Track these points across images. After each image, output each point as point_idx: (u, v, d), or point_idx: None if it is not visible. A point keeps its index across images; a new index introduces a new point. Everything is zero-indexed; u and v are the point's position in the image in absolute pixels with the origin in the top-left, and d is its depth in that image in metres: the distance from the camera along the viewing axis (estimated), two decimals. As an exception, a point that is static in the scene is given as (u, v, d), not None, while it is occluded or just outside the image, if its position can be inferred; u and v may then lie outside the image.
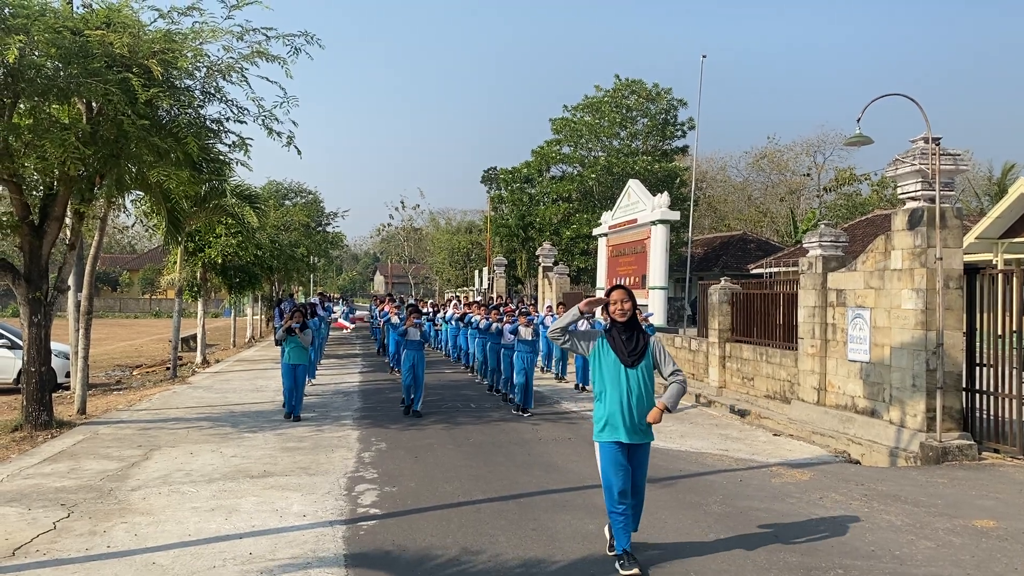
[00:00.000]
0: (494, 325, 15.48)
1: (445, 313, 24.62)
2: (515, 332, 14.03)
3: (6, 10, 9.04)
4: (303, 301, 22.85)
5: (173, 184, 11.23)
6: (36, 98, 10.01)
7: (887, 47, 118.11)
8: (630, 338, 5.83)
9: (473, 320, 18.18)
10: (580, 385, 16.94)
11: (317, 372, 19.76)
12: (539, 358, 18.44)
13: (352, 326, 32.79)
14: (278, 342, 13.12)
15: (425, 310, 24.51)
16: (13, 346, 16.92)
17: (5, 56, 8.50)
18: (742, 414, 13.75)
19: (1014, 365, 9.76)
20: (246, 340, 33.15)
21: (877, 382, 11.13)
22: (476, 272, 47.69)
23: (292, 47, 10.99)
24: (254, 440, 10.84)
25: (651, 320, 15.46)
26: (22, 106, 10.34)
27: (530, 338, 14.00)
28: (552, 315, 18.68)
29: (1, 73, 9.60)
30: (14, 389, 16.29)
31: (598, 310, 15.51)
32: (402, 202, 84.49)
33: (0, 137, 9.78)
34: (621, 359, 5.78)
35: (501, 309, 16.53)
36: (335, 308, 31.64)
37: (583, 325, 16.45)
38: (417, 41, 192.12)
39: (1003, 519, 7.18)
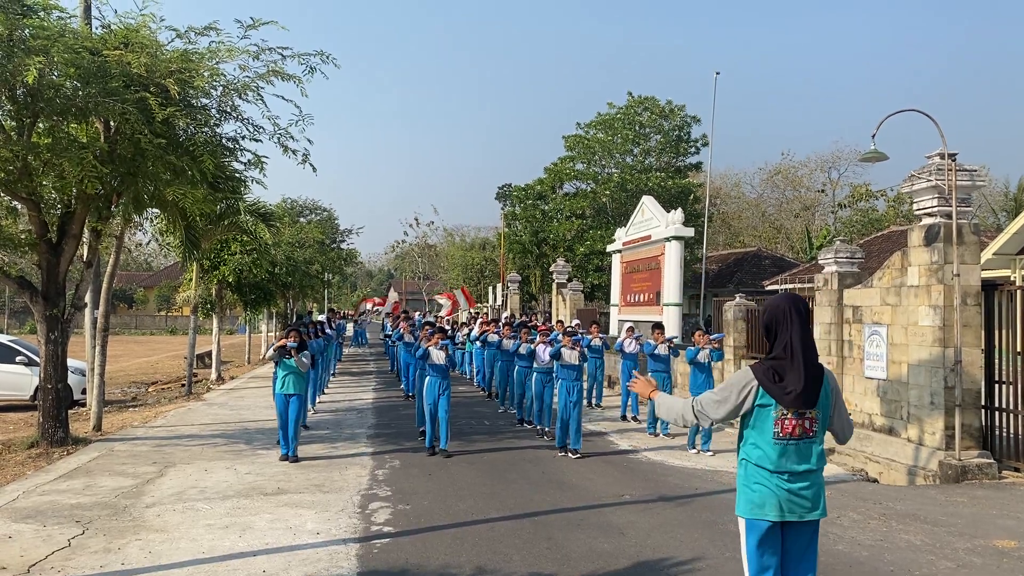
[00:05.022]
0: (523, 346, 13.45)
1: (470, 332, 21.86)
2: (557, 356, 11.59)
3: (26, 31, 9.17)
4: (319, 318, 22.73)
5: (189, 202, 11.30)
6: (55, 117, 10.14)
7: (902, 61, 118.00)
8: None
9: (491, 340, 16.64)
10: (627, 416, 15.11)
11: (328, 388, 19.78)
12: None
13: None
14: (274, 361, 11.21)
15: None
16: (30, 363, 17.04)
17: (25, 77, 8.61)
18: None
19: (1034, 382, 9.65)
20: (261, 357, 33.20)
21: (894, 399, 11.02)
22: (490, 288, 47.69)
23: (307, 66, 11.07)
24: (268, 457, 10.83)
25: (718, 344, 12.76)
26: (41, 125, 10.46)
27: (575, 363, 11.53)
28: (583, 332, 16.66)
29: (21, 93, 9.73)
30: (31, 406, 16.38)
31: (645, 332, 13.69)
32: (416, 219, 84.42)
33: (19, 156, 9.89)
34: None
35: (530, 327, 14.81)
36: (347, 326, 31.54)
37: (632, 346, 14.99)
38: (430, 59, 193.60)
39: (1025, 539, 7.07)
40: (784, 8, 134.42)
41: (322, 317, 24.14)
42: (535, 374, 12.72)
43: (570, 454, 11.17)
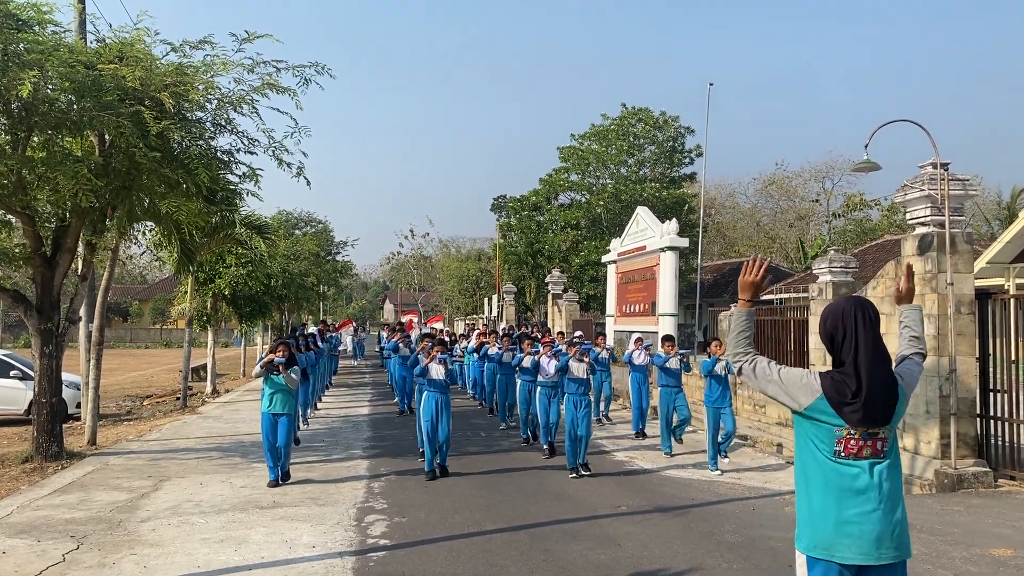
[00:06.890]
0: (527, 358, 12.87)
1: (467, 344, 21.21)
2: (564, 369, 10.96)
3: (20, 46, 9.18)
4: (311, 331, 22.59)
5: (184, 215, 11.28)
6: (49, 131, 10.13)
7: (894, 71, 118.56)
8: None
9: (491, 353, 15.87)
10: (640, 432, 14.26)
11: (323, 402, 19.66)
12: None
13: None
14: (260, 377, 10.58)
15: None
16: (24, 377, 16.97)
17: (19, 91, 8.62)
18: (754, 442, 13.64)
19: (1028, 391, 9.67)
20: (253, 373, 33.07)
21: (890, 409, 11.02)
22: (485, 299, 47.71)
23: (302, 78, 11.08)
24: (264, 471, 10.77)
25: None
26: (36, 139, 10.45)
27: (584, 376, 10.89)
28: (586, 343, 15.77)
29: (15, 107, 9.73)
30: (25, 420, 16.31)
31: (659, 347, 12.98)
32: (411, 230, 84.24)
33: (14, 170, 9.88)
34: None
35: (532, 338, 14.33)
36: (344, 338, 31.37)
37: (641, 357, 14.42)
38: (426, 70, 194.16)
39: (1021, 548, 7.07)
40: (779, 17, 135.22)
41: (314, 329, 23.94)
42: (539, 388, 12.04)
43: (581, 471, 10.59)
